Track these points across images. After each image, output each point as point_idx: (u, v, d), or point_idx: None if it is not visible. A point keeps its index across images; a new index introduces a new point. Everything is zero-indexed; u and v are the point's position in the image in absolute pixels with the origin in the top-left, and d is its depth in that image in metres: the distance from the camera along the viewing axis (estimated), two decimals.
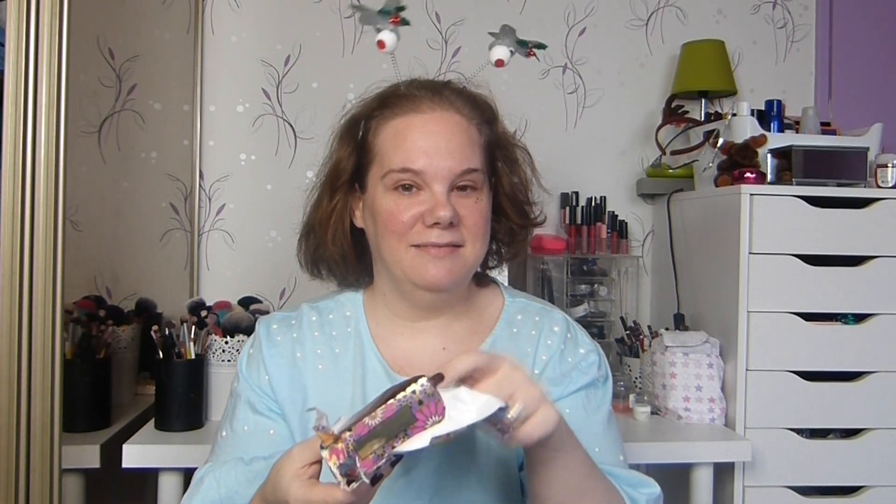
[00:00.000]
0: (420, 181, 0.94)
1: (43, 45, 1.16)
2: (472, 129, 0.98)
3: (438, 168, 0.94)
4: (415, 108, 0.97)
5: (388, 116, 0.98)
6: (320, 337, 1.03)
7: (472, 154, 0.96)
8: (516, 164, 1.05)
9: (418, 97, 0.98)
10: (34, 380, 1.16)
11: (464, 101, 0.99)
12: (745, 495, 1.70)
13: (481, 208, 0.97)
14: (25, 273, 1.15)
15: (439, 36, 2.20)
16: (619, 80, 2.27)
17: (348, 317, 1.05)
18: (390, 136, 0.97)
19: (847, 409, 1.73)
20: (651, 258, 2.25)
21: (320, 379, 1.00)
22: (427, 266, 0.94)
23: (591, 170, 2.25)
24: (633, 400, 1.77)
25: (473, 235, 0.96)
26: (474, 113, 1.00)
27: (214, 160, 2.12)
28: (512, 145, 1.05)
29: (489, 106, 1.04)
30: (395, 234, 0.95)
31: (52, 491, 1.16)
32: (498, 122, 1.04)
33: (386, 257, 0.97)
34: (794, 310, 1.72)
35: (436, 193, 0.93)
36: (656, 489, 0.97)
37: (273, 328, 1.04)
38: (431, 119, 0.96)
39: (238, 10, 2.14)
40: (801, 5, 2.34)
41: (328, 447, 0.73)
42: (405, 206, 0.94)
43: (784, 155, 1.78)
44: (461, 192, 0.95)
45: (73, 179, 1.99)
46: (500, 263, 1.10)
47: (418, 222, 0.94)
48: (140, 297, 1.95)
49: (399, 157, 0.94)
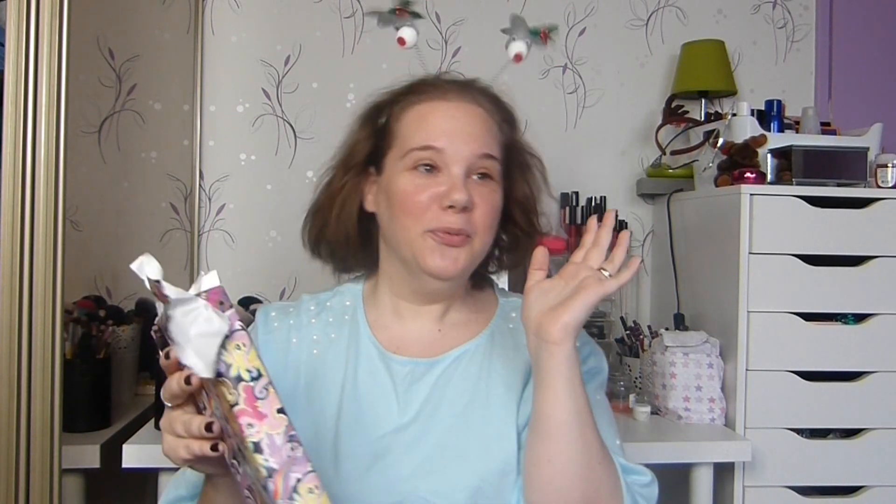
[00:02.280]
0: (440, 161, 0.95)
1: (43, 45, 1.16)
2: (494, 125, 1.01)
3: (458, 149, 0.95)
4: (441, 96, 0.99)
5: (413, 102, 1.00)
6: (317, 324, 1.04)
7: (492, 143, 0.99)
8: (529, 171, 1.06)
9: (445, 87, 1.00)
10: (34, 380, 1.16)
11: (489, 99, 1.02)
12: (745, 495, 1.70)
13: (494, 200, 0.98)
14: (25, 273, 1.15)
15: (439, 36, 2.20)
16: (619, 80, 2.27)
17: (347, 305, 1.06)
18: (413, 119, 0.99)
19: (847, 409, 1.73)
20: (651, 258, 2.25)
21: (314, 362, 1.01)
22: (436, 254, 0.95)
23: (591, 170, 2.25)
24: (633, 400, 1.77)
25: (483, 226, 0.97)
26: (497, 110, 1.02)
27: (214, 160, 2.12)
28: (527, 153, 1.07)
29: (511, 111, 1.06)
30: (411, 216, 0.96)
31: (52, 491, 1.17)
32: (518, 127, 1.06)
33: (399, 238, 0.98)
34: (794, 310, 1.72)
35: (454, 176, 0.95)
36: (648, 477, 0.97)
37: (272, 315, 1.05)
38: (456, 107, 0.98)
39: (238, 10, 2.14)
40: (801, 5, 2.34)
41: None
42: (423, 187, 0.95)
43: (784, 155, 1.78)
44: (478, 180, 0.97)
45: (73, 179, 1.99)
46: (501, 269, 1.11)
47: (434, 204, 0.95)
48: (140, 297, 1.95)
49: (421, 136, 0.96)
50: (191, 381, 0.70)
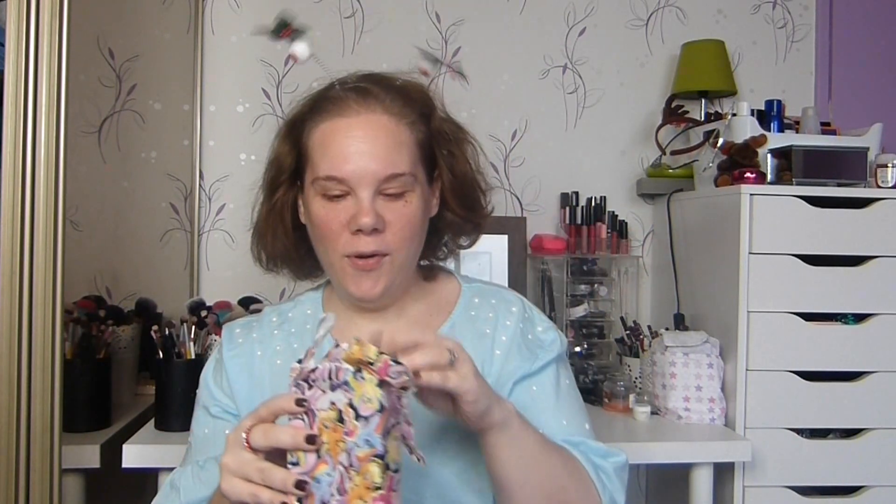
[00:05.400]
0: (346, 187, 0.95)
1: (43, 45, 1.16)
2: (402, 130, 0.97)
3: (362, 174, 0.94)
4: (341, 111, 0.97)
5: (317, 120, 0.98)
6: (279, 335, 1.05)
7: (398, 158, 0.95)
8: (455, 158, 1.04)
9: (345, 100, 0.98)
10: (34, 380, 1.16)
11: (394, 98, 0.98)
12: (745, 495, 1.70)
13: (409, 212, 0.96)
14: (25, 273, 1.15)
15: (439, 36, 2.20)
16: (619, 80, 2.27)
17: (309, 314, 1.07)
18: (318, 143, 0.97)
19: (847, 409, 1.73)
20: (651, 258, 2.25)
21: (278, 373, 1.01)
22: (356, 279, 0.96)
23: (591, 170, 2.25)
24: (633, 400, 1.77)
25: (400, 240, 0.96)
26: (406, 110, 0.98)
27: (214, 160, 2.12)
28: (452, 138, 1.04)
29: (424, 99, 1.02)
30: (327, 242, 0.96)
31: (52, 491, 1.16)
32: (435, 115, 1.03)
33: (323, 261, 1.00)
34: (794, 310, 1.72)
35: (360, 199, 0.94)
36: (623, 457, 0.99)
37: (236, 332, 1.07)
38: (356, 123, 0.96)
39: (238, 10, 2.14)
40: (801, 5, 2.34)
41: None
42: (333, 213, 0.95)
43: (784, 155, 1.78)
44: (387, 197, 0.95)
45: (73, 179, 1.98)
46: (451, 254, 1.11)
47: (345, 229, 0.95)
48: (140, 297, 1.95)
49: (325, 165, 0.95)
50: (314, 440, 0.71)
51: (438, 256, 1.10)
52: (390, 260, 0.96)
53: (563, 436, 0.98)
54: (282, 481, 0.71)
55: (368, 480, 0.70)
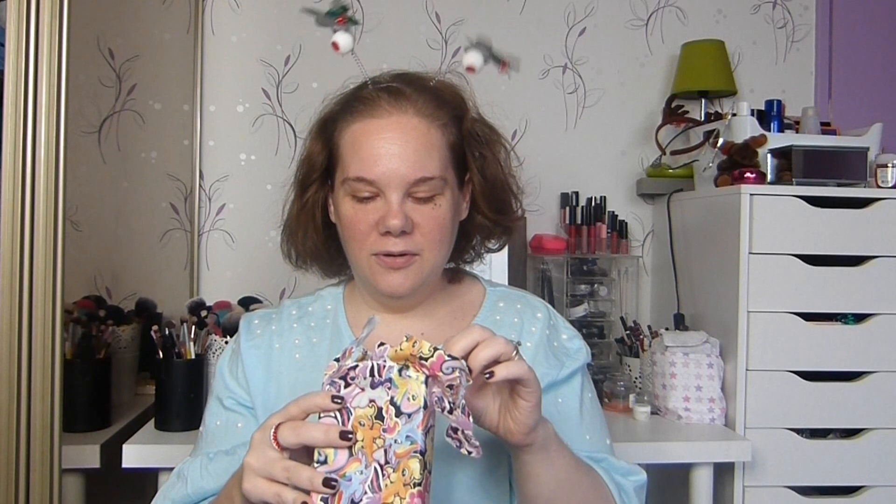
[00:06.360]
0: (375, 189, 0.94)
1: (43, 45, 1.16)
2: (434, 132, 0.96)
3: (392, 176, 0.93)
4: (373, 112, 0.96)
5: (349, 120, 0.98)
6: (298, 328, 1.04)
7: (428, 161, 0.94)
8: (486, 161, 1.02)
9: (377, 101, 0.97)
10: (34, 380, 1.16)
11: (427, 100, 0.97)
12: (744, 495, 1.70)
13: (439, 214, 0.95)
14: (25, 273, 1.15)
15: (439, 36, 2.20)
16: (619, 80, 2.27)
17: (329, 309, 1.06)
18: (349, 143, 0.97)
19: (847, 409, 1.73)
20: (651, 258, 2.25)
21: (296, 367, 1.01)
22: (384, 275, 0.95)
23: (591, 170, 2.25)
24: (633, 400, 1.77)
25: (430, 242, 0.95)
26: (438, 112, 0.97)
27: (214, 160, 2.12)
28: (484, 140, 1.03)
29: (458, 101, 1.01)
30: (356, 241, 0.96)
31: (52, 491, 1.16)
32: (468, 117, 1.02)
33: (352, 259, 0.99)
34: (794, 310, 1.72)
35: (389, 201, 0.93)
36: (643, 476, 0.99)
37: (254, 323, 1.06)
38: (388, 125, 0.95)
39: (238, 10, 2.14)
40: (801, 5, 2.34)
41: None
42: (362, 214, 0.95)
43: (784, 155, 1.78)
44: (417, 200, 0.95)
45: (73, 179, 1.99)
46: (478, 258, 1.10)
47: (374, 230, 0.94)
48: (140, 297, 1.95)
49: (355, 166, 0.94)
50: (348, 437, 0.70)
51: (465, 259, 1.09)
52: (420, 259, 0.96)
53: (587, 451, 0.96)
54: (308, 479, 0.70)
55: (408, 476, 0.69)
